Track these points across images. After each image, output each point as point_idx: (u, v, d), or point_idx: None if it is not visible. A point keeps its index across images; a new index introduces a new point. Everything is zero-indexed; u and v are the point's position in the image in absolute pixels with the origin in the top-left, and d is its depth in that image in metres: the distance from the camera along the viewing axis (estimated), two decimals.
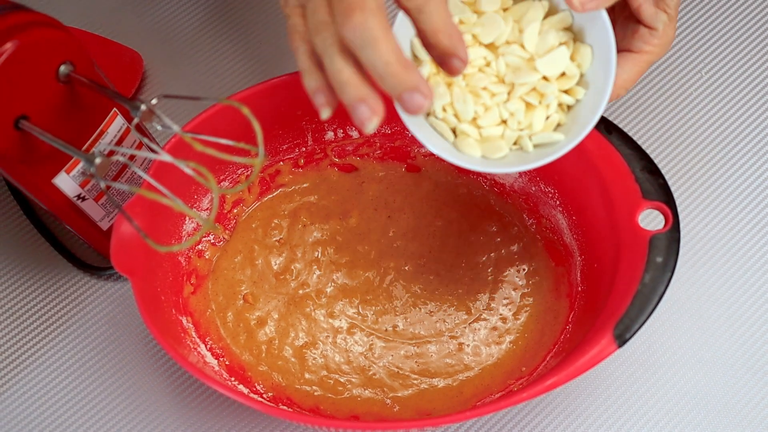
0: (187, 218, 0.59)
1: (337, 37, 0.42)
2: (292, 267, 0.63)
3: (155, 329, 0.51)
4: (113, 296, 0.64)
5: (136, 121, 0.48)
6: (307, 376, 0.59)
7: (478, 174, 0.63)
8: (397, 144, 0.63)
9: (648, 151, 0.59)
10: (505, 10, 0.49)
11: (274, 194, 0.64)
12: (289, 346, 0.60)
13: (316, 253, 0.63)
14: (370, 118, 0.42)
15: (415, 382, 0.60)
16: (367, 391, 0.59)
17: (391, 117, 0.46)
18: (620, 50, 0.52)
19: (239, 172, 0.62)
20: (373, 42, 0.40)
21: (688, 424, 0.59)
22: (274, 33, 0.73)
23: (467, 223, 0.64)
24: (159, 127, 0.47)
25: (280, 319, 0.61)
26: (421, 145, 0.61)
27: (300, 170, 0.64)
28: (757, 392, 0.60)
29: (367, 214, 0.64)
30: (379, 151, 0.64)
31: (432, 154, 0.54)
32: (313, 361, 0.60)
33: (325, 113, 0.44)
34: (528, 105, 0.49)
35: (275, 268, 0.63)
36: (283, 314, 0.61)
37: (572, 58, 0.49)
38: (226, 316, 0.61)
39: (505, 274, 0.62)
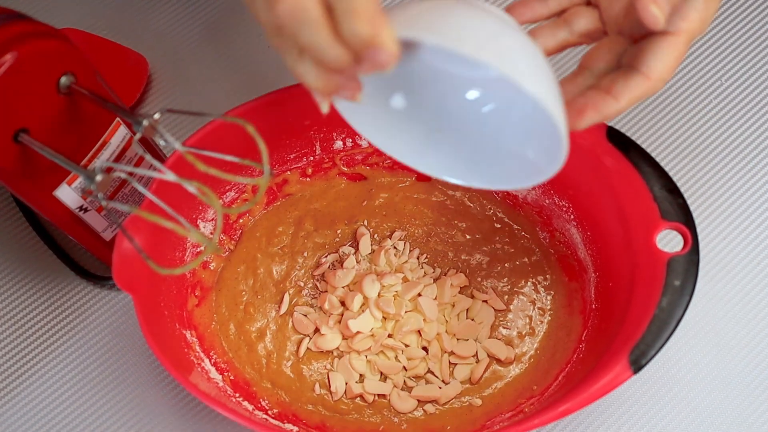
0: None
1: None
2: (293, 275, 0.62)
3: (157, 348, 0.49)
4: (117, 305, 0.63)
5: (138, 136, 0.46)
6: (308, 394, 0.58)
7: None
8: None
9: (666, 169, 0.56)
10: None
11: (280, 202, 0.63)
12: (286, 360, 0.59)
13: (317, 259, 0.62)
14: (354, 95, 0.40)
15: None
16: (373, 411, 0.58)
17: None
18: (652, 35, 0.43)
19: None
20: (309, 21, 0.37)
21: None
22: None
23: (480, 233, 0.62)
24: (162, 142, 0.46)
25: (277, 331, 0.60)
26: None
27: (308, 179, 0.62)
28: None
29: (376, 221, 0.63)
30: (388, 161, 0.62)
31: None
32: (311, 378, 0.59)
33: (325, 107, 0.41)
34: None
35: (276, 276, 0.61)
36: (280, 326, 0.60)
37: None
38: (229, 328, 0.60)
39: (520, 285, 0.61)
